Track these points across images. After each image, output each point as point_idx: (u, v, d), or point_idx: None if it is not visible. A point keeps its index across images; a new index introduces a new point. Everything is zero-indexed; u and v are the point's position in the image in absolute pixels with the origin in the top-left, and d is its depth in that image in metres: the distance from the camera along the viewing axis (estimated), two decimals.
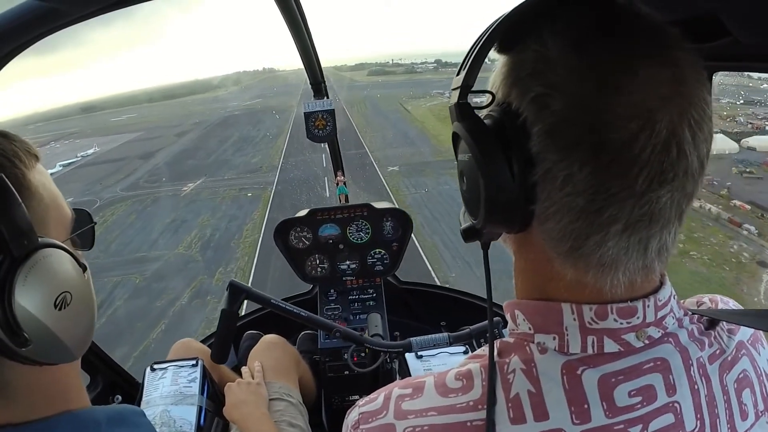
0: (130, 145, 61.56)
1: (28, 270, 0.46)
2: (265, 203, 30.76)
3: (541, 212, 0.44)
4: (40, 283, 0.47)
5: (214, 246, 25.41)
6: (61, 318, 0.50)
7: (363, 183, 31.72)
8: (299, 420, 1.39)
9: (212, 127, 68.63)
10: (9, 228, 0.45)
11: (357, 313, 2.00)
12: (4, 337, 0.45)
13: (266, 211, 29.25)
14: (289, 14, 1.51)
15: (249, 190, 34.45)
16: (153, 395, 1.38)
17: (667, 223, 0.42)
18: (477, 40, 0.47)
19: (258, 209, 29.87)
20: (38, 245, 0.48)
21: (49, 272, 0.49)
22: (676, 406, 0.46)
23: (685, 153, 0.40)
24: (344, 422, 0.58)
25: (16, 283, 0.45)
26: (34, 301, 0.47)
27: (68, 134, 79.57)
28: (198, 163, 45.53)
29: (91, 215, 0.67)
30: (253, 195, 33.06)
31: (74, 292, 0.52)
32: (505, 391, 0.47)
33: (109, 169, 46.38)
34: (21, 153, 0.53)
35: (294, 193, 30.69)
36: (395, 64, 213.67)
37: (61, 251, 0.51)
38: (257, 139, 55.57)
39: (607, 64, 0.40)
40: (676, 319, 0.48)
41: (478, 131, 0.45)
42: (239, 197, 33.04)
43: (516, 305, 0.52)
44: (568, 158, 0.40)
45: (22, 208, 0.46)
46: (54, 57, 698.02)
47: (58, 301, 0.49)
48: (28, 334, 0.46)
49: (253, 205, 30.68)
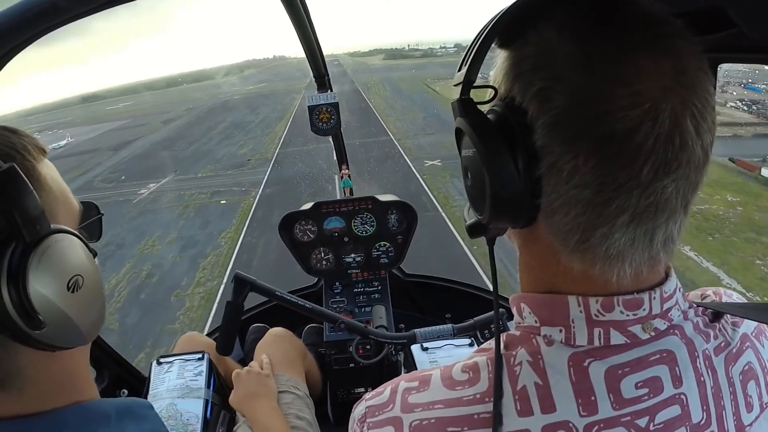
0: (110, 134, 52.85)
1: (41, 254, 0.47)
2: (242, 217, 20.01)
3: (547, 206, 0.44)
4: (53, 267, 0.48)
5: (145, 300, 14.67)
6: (74, 300, 0.50)
7: (388, 184, 20.78)
8: (306, 413, 1.39)
9: (205, 113, 58.82)
10: (22, 214, 0.46)
11: (362, 306, 1.98)
12: (19, 321, 0.45)
13: (241, 231, 18.51)
14: (291, 6, 1.48)
15: (225, 194, 23.74)
16: (159, 389, 1.38)
17: (672, 213, 0.42)
18: (477, 35, 0.47)
19: (231, 227, 19.16)
20: (50, 231, 0.49)
21: (61, 256, 0.49)
22: (683, 397, 0.46)
23: (688, 142, 0.40)
24: (351, 416, 0.58)
25: (30, 267, 0.46)
26: (48, 284, 0.47)
27: (55, 125, 72.11)
28: (173, 155, 35.17)
29: (98, 207, 0.67)
30: (228, 203, 22.35)
31: (86, 275, 0.53)
32: (512, 383, 0.47)
33: (72, 164, 36.85)
34: (30, 147, 0.54)
35: (289, 200, 19.21)
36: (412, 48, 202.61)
37: (72, 236, 0.52)
38: (252, 125, 45.01)
39: (609, 56, 0.40)
40: (681, 311, 0.48)
41: (481, 126, 0.44)
42: (209, 206, 22.37)
43: (522, 298, 0.52)
44: (573, 150, 0.40)
45: (33, 196, 0.47)
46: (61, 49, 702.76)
47: (71, 284, 0.50)
48: (42, 316, 0.46)
49: (225, 221, 19.93)
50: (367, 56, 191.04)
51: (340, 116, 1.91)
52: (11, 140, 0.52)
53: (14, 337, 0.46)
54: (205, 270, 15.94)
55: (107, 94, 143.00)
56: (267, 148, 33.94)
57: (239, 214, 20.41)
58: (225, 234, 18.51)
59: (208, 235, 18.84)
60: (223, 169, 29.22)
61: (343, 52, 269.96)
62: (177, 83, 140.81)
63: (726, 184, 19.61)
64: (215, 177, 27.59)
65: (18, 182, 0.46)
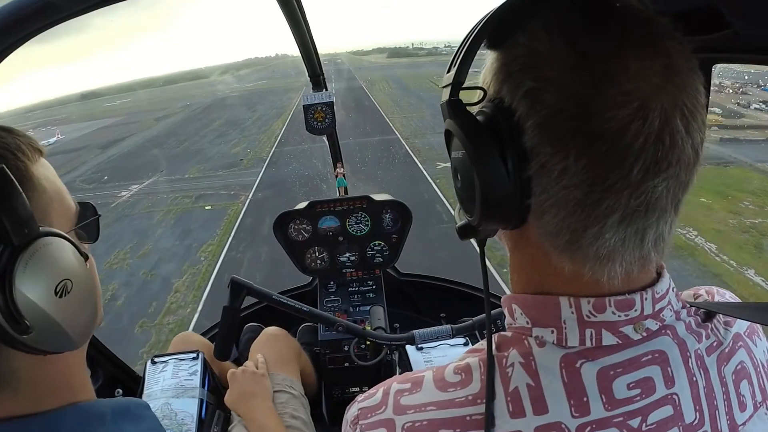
0: (101, 131, 50.35)
1: (29, 258, 0.47)
2: (228, 226, 17.27)
3: (537, 206, 0.44)
4: (41, 271, 0.48)
5: (105, 330, 11.20)
6: (62, 305, 0.50)
7: (392, 188, 18.08)
8: (301, 412, 1.38)
9: (200, 110, 56.24)
10: (9, 217, 0.45)
11: (357, 305, 1.95)
12: (5, 325, 0.45)
13: (225, 244, 15.84)
14: (286, 6, 1.48)
15: (212, 198, 21.06)
16: (154, 388, 1.37)
17: (663, 213, 0.42)
18: (467, 36, 0.46)
19: (214, 238, 16.47)
20: (38, 234, 0.48)
21: (49, 260, 0.49)
22: (675, 398, 0.46)
23: (678, 142, 0.40)
24: (344, 418, 0.58)
25: (17, 270, 0.45)
26: (35, 288, 0.47)
27: (50, 122, 69.85)
28: (161, 154, 32.56)
29: (95, 208, 0.66)
30: (213, 208, 19.62)
31: (75, 279, 0.52)
32: (504, 384, 0.47)
33: (58, 161, 34.27)
34: (24, 147, 0.53)
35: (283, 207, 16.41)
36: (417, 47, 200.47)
37: (61, 240, 0.52)
38: (248, 122, 42.22)
39: (598, 56, 0.40)
40: (674, 311, 0.48)
41: (471, 128, 0.45)
42: (191, 211, 19.66)
43: (513, 299, 0.52)
44: (563, 151, 0.40)
45: (22, 198, 0.47)
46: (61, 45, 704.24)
47: (59, 289, 0.49)
48: (29, 321, 0.46)
49: (209, 230, 17.15)
50: (371, 54, 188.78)
51: (335, 115, 1.90)
52: (5, 140, 0.52)
53: (2, 340, 0.46)
54: (179, 293, 13.17)
55: (107, 91, 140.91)
56: (262, 146, 31.20)
57: (225, 222, 17.70)
58: (206, 247, 15.80)
59: (187, 248, 16.07)
60: (213, 170, 26.40)
61: (345, 50, 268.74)
62: (178, 81, 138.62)
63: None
64: (203, 177, 24.84)
65: (6, 184, 0.45)
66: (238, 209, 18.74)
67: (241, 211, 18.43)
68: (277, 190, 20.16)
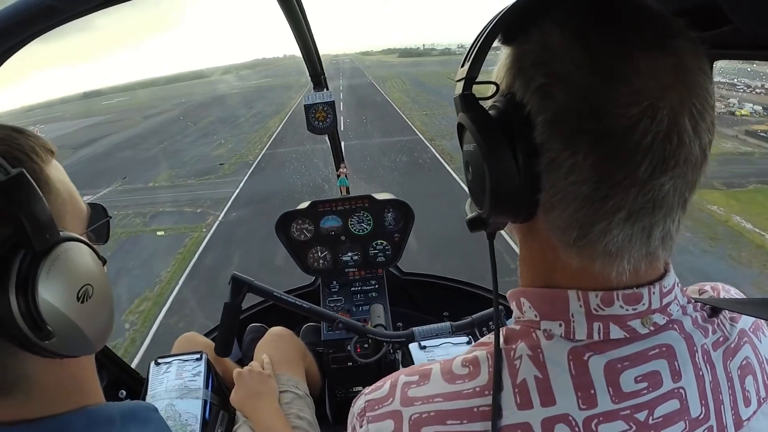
0: (84, 130, 45.48)
1: (51, 263, 0.46)
2: (179, 265, 11.53)
3: (546, 201, 0.45)
4: (63, 277, 0.47)
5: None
6: (84, 310, 0.50)
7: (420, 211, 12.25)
8: (306, 413, 1.38)
9: (193, 107, 51.11)
10: (31, 222, 0.44)
11: (360, 305, 1.96)
12: (27, 331, 0.45)
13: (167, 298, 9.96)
14: (287, 6, 1.48)
15: (170, 217, 15.30)
16: (158, 389, 1.37)
17: (670, 210, 0.42)
18: (481, 31, 0.47)
19: (155, 285, 10.71)
20: (60, 239, 0.48)
21: (71, 265, 0.49)
22: (682, 392, 0.46)
23: (686, 141, 0.40)
24: (350, 410, 0.58)
25: (39, 276, 0.45)
26: (57, 294, 0.47)
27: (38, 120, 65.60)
28: (131, 157, 26.96)
29: (106, 209, 0.65)
30: (166, 235, 13.81)
31: (95, 284, 0.52)
32: (512, 377, 0.47)
33: None
34: (38, 148, 0.52)
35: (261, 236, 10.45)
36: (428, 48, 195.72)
37: (81, 244, 0.51)
38: (240, 120, 36.79)
39: (609, 54, 0.40)
40: (680, 306, 0.48)
41: (482, 122, 0.45)
42: (139, 237, 13.88)
43: (521, 293, 0.52)
44: (572, 147, 0.41)
45: (43, 202, 0.46)
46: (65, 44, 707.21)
47: (81, 294, 0.49)
48: (51, 327, 0.46)
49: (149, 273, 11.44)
50: (382, 54, 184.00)
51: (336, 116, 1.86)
52: (19, 142, 0.50)
53: (22, 345, 0.46)
54: None
55: (110, 90, 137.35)
56: (251, 147, 25.49)
57: (177, 257, 11.99)
58: (139, 302, 10.08)
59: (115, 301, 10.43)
60: (185, 177, 20.72)
61: (355, 51, 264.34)
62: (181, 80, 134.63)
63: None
64: (170, 187, 19.19)
65: (27, 189, 0.44)
66: (199, 238, 12.96)
67: (203, 241, 12.69)
68: (256, 210, 14.35)
